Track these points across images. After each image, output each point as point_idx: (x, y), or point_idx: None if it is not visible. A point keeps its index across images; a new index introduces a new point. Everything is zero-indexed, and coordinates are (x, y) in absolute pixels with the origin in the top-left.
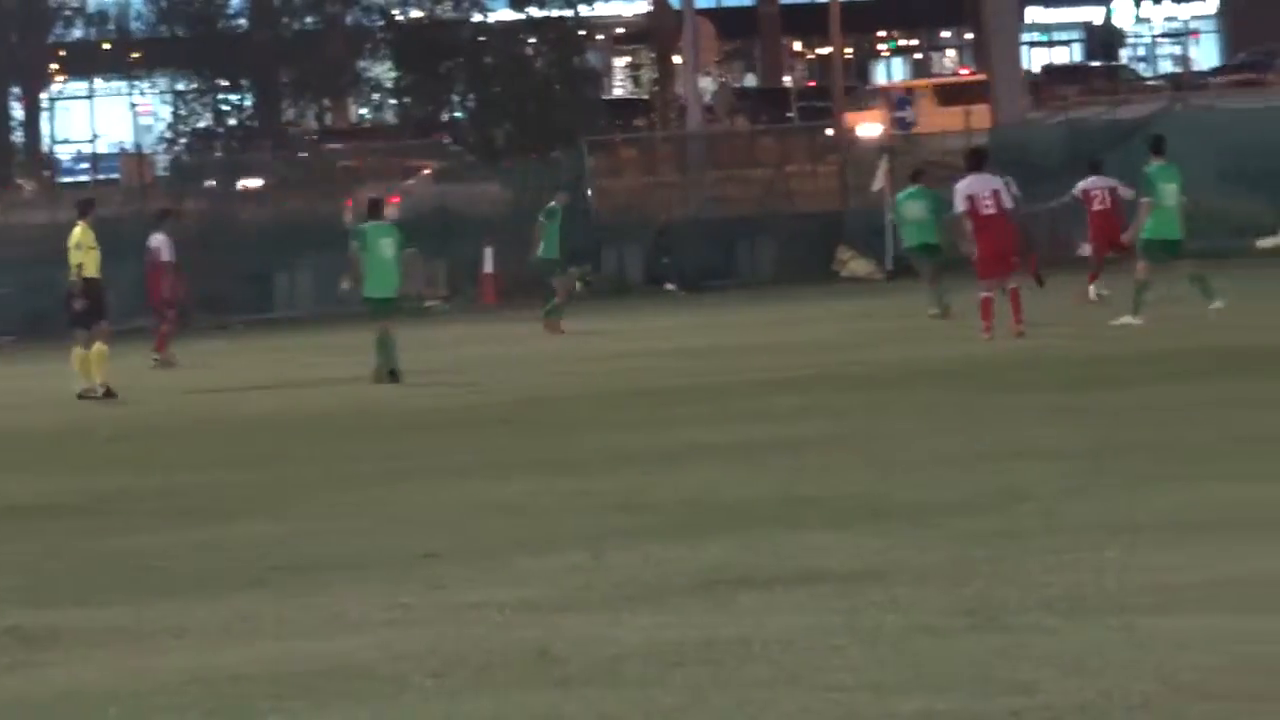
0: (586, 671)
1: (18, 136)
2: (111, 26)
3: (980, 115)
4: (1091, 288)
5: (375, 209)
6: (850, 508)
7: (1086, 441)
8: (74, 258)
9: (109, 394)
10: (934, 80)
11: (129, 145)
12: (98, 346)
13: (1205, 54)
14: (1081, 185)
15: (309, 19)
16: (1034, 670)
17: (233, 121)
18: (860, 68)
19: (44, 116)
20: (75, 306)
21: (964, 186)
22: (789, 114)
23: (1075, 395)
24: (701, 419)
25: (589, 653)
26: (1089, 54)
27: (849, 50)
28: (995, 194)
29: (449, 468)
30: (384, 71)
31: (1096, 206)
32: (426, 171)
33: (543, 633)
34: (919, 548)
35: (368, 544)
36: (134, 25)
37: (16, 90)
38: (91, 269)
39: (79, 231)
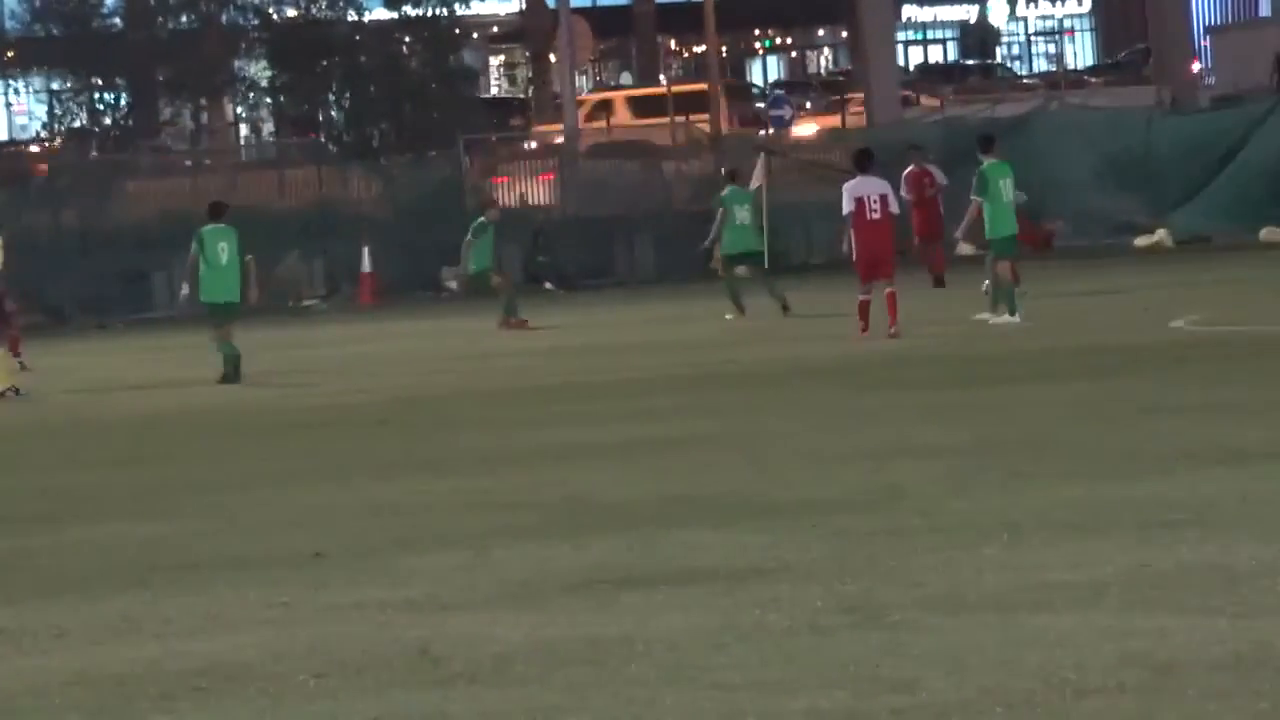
0: (469, 670)
1: None
2: None
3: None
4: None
5: (215, 212)
6: (731, 506)
7: (965, 439)
8: None
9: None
10: (628, 91)
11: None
12: None
13: (1080, 53)
14: None
15: (184, 18)
16: (916, 668)
17: (108, 121)
18: (736, 66)
19: None
20: None
21: (852, 188)
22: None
23: (953, 393)
24: (581, 418)
25: (471, 652)
26: (963, 52)
27: (724, 49)
28: (883, 198)
29: (331, 467)
30: (260, 71)
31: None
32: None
33: (425, 632)
34: (800, 546)
35: (250, 544)
36: (8, 24)
37: None
38: None
39: None
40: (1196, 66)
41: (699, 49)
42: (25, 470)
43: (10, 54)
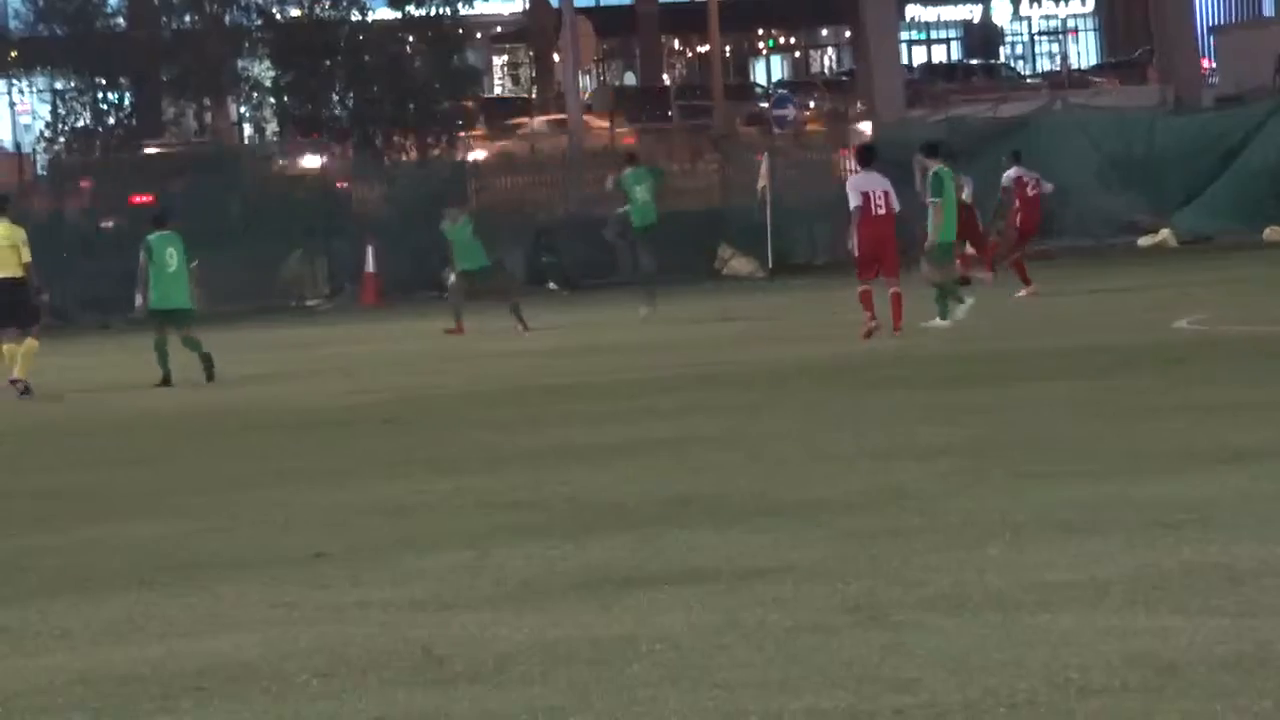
0: (471, 670)
1: None
2: None
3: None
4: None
5: (160, 220)
6: (733, 506)
7: (966, 439)
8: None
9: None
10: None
11: (7, 144)
12: (28, 342)
13: (1084, 53)
14: (1011, 174)
15: (188, 18)
16: (918, 668)
17: (112, 120)
18: (740, 66)
19: None
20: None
21: (857, 183)
22: (669, 112)
23: (954, 393)
24: (584, 418)
25: (474, 652)
26: (967, 52)
27: (728, 48)
28: (886, 195)
29: (333, 467)
30: (263, 70)
31: (1030, 192)
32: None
33: (428, 632)
34: (802, 546)
35: (253, 544)
36: (12, 24)
37: None
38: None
39: (7, 229)
40: (1207, 64)
41: (702, 49)
42: (27, 470)
43: (14, 54)
